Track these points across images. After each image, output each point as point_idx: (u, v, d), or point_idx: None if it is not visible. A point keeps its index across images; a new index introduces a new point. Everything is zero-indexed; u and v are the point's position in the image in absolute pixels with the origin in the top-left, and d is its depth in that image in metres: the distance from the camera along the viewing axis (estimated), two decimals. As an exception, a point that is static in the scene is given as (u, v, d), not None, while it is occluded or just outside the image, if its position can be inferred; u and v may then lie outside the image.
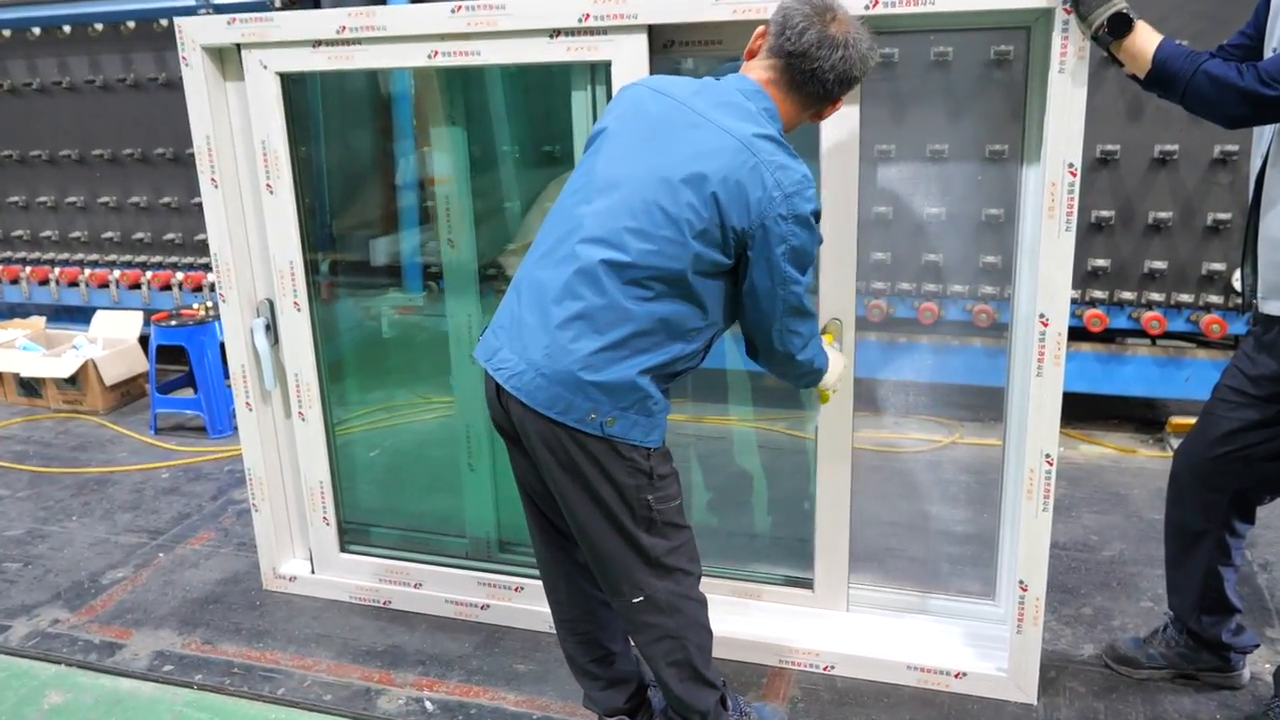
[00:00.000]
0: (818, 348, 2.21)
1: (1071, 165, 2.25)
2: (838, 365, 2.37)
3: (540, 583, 3.06)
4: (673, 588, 2.17)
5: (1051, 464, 2.49)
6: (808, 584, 3.01)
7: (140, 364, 5.47)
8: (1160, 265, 4.08)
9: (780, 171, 1.95)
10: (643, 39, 2.52)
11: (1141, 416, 4.75)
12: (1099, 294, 4.19)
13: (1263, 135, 2.33)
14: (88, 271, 5.71)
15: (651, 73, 2.54)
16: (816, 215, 2.00)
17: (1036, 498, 2.53)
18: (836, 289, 2.71)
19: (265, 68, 2.88)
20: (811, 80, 2.01)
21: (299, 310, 3.08)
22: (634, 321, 1.97)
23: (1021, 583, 2.61)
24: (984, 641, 2.85)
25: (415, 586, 3.25)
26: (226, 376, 4.85)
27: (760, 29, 2.09)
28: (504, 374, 2.06)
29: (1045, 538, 2.57)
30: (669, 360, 2.02)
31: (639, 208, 1.96)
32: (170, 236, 5.56)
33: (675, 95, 2.05)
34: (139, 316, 5.58)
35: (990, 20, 2.41)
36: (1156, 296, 4.13)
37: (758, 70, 2.07)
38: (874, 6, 2.28)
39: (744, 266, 2.01)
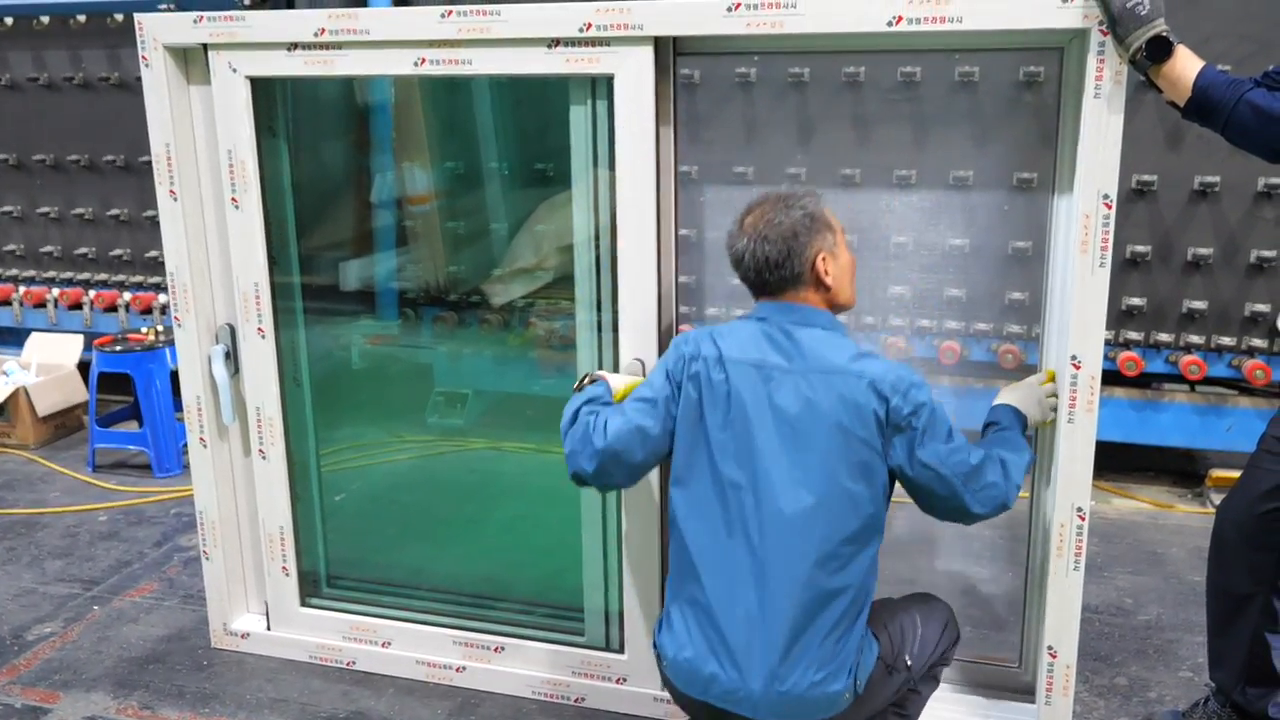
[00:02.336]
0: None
1: (1107, 197, 2.32)
2: None
3: (524, 643, 3.12)
4: None
5: (1084, 519, 2.53)
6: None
7: (78, 393, 5.47)
8: (1200, 305, 4.16)
9: None
10: (648, 51, 2.59)
11: (1179, 469, 4.81)
12: (1134, 335, 4.27)
13: None
14: (23, 289, 5.71)
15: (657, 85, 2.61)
16: None
17: (1067, 555, 2.57)
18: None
19: (235, 71, 2.93)
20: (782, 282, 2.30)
21: (263, 337, 3.10)
22: None
23: (1050, 648, 2.65)
24: (1007, 713, 2.88)
25: (383, 645, 3.26)
26: (176, 409, 4.88)
27: None
28: None
29: (1076, 599, 2.60)
30: None
31: None
32: (118, 252, 5.58)
33: None
34: (79, 340, 5.58)
35: (1020, 41, 2.49)
36: (1196, 339, 4.20)
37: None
38: (897, 23, 2.35)
39: None
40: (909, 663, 2.34)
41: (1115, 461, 4.62)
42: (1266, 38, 3.83)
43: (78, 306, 5.64)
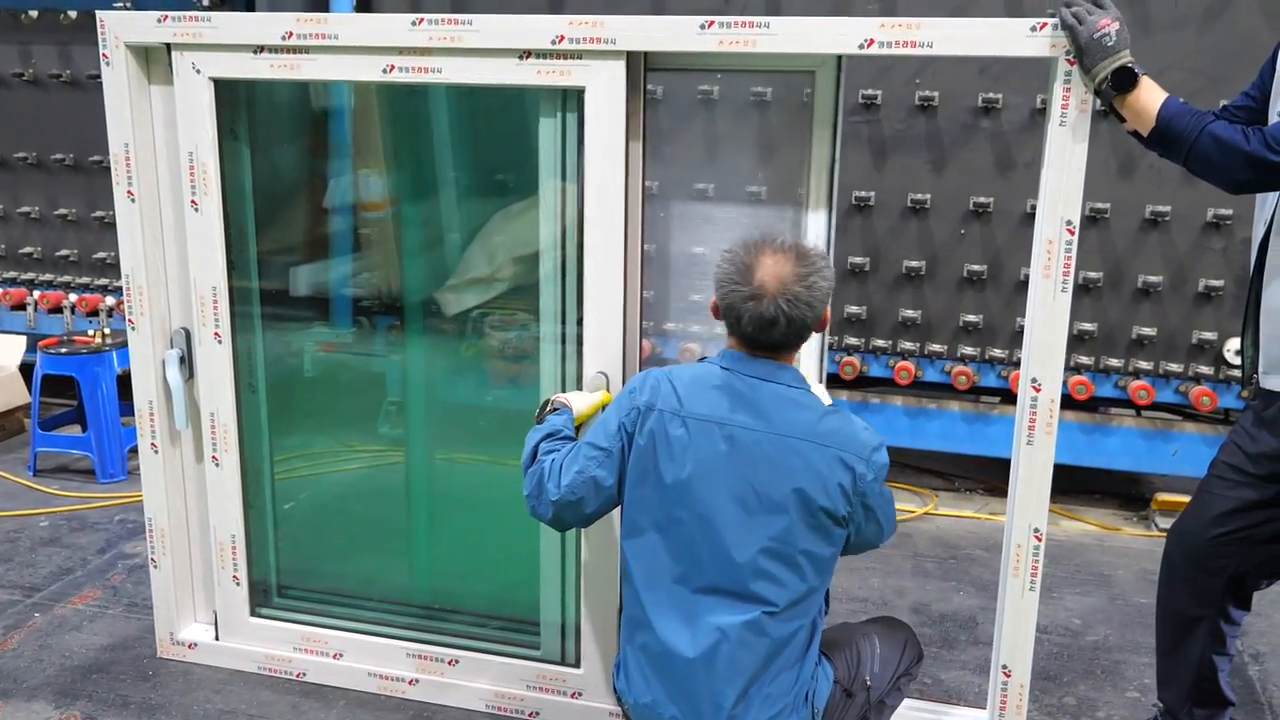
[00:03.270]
0: None
1: (1069, 223, 2.37)
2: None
3: (478, 656, 3.09)
4: None
5: (1040, 539, 2.57)
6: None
7: (20, 395, 5.35)
8: (1149, 332, 4.25)
9: None
10: (620, 66, 2.60)
11: (1125, 492, 4.91)
12: (1084, 360, 4.35)
13: (1265, 202, 2.47)
14: (-36, 289, 5.59)
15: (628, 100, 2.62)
16: None
17: (1023, 575, 2.61)
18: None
19: (198, 72, 2.89)
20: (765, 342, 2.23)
21: (220, 342, 3.06)
22: None
23: (1005, 667, 2.68)
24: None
25: (335, 657, 3.21)
26: (122, 414, 4.78)
27: (711, 304, 2.29)
28: None
29: (1031, 619, 2.64)
30: None
31: None
32: (64, 253, 5.48)
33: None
34: (21, 342, 5.47)
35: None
36: (1144, 365, 4.30)
37: (729, 339, 2.30)
38: (869, 46, 2.39)
39: None
40: (868, 682, 2.36)
41: (1063, 484, 4.65)
42: (1216, 73, 3.94)
43: (21, 307, 5.53)
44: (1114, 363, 4.34)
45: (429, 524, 3.80)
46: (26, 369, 5.31)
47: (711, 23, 2.47)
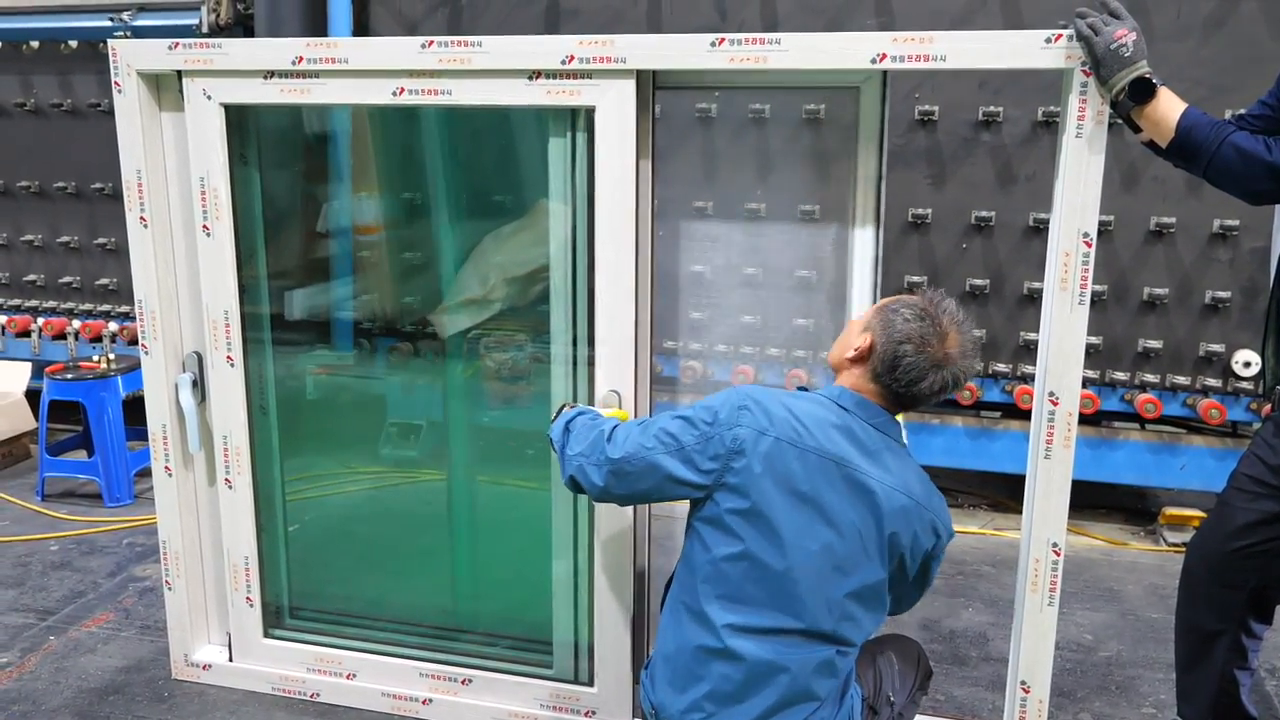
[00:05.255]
0: None
1: (1086, 235, 2.35)
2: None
3: (491, 675, 3.06)
4: None
5: (1059, 554, 2.55)
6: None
7: (26, 421, 5.33)
8: (1155, 344, 4.24)
9: None
10: (630, 85, 2.59)
11: (1132, 506, 4.88)
12: (1090, 373, 4.34)
13: None
14: (-30, 315, 5.57)
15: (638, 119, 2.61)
16: None
17: (1041, 591, 2.58)
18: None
19: (209, 98, 2.88)
20: (913, 399, 2.24)
21: (232, 366, 3.04)
22: None
23: (1024, 683, 2.65)
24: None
25: (348, 677, 3.18)
26: (129, 438, 4.76)
27: (861, 345, 2.23)
28: None
29: (1050, 635, 2.62)
30: None
31: None
32: (68, 280, 5.47)
33: None
34: (27, 368, 5.45)
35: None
36: (1151, 378, 4.28)
37: (856, 381, 2.26)
38: (881, 60, 2.38)
39: None
40: (891, 698, 2.35)
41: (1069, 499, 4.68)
42: (1218, 83, 3.94)
43: (26, 334, 5.51)
44: (1120, 376, 4.32)
45: (445, 544, 3.78)
46: (32, 395, 5.29)
47: (722, 40, 2.46)
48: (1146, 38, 2.24)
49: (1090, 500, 4.81)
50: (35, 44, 5.22)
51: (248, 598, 3.20)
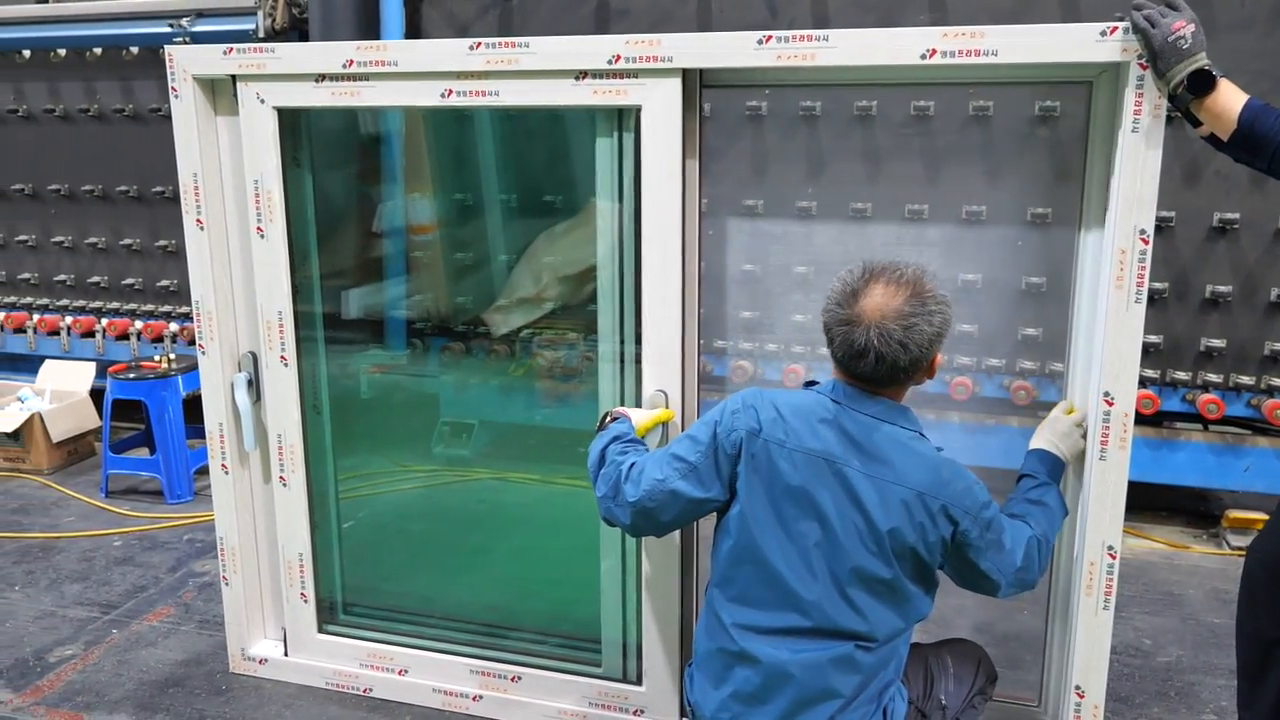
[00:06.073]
0: None
1: (1143, 232, 2.30)
2: None
3: (541, 673, 3.07)
4: None
5: (1114, 557, 2.50)
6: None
7: (91, 420, 5.45)
8: (1218, 343, 4.13)
9: None
10: (676, 84, 2.58)
11: (1194, 509, 4.77)
12: (1150, 373, 4.24)
13: None
14: (37, 317, 5.72)
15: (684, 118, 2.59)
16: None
17: (1096, 594, 2.53)
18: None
19: (263, 102, 2.92)
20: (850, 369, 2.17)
21: (286, 365, 3.08)
22: None
23: (1078, 688, 2.60)
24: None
25: (400, 673, 3.22)
26: (189, 436, 4.85)
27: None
28: None
29: (1106, 639, 2.56)
30: None
31: None
32: (130, 281, 5.58)
33: None
34: (91, 368, 5.57)
35: (1051, 74, 2.48)
36: (1214, 378, 4.18)
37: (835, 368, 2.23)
38: (931, 56, 2.34)
39: None
40: (944, 701, 2.31)
41: (1129, 500, 4.57)
42: (1282, 75, 3.84)
43: (90, 334, 5.64)
44: (1181, 376, 4.22)
45: (485, 542, 3.81)
46: (97, 394, 5.41)
47: (769, 37, 2.45)
48: (1209, 29, 2.17)
49: (1150, 502, 4.71)
50: (98, 51, 5.33)
51: (302, 593, 3.24)
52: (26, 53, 5.45)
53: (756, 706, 2.16)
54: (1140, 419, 4.36)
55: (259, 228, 3.01)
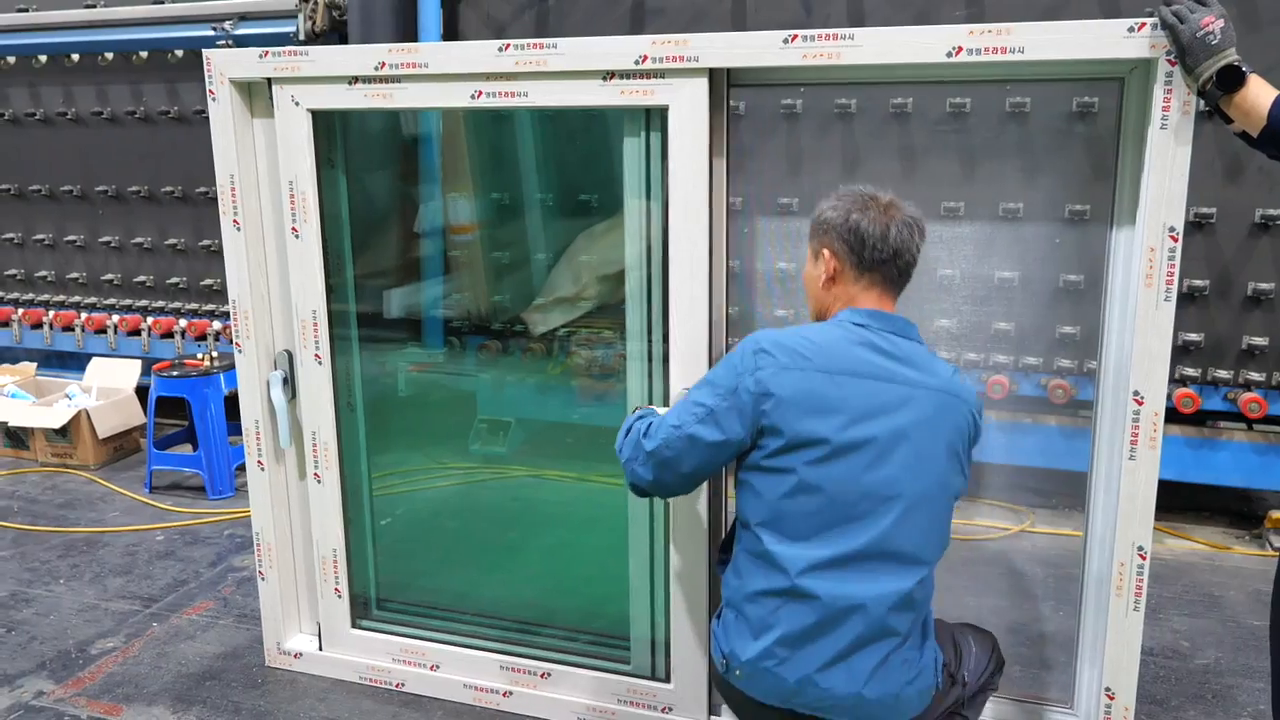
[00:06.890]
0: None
1: (1173, 230, 2.27)
2: None
3: (570, 669, 3.09)
4: None
5: (1144, 558, 2.47)
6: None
7: (136, 416, 5.56)
8: (1260, 341, 4.06)
9: None
10: (703, 84, 2.58)
11: (1236, 509, 4.69)
12: (1190, 371, 4.18)
13: None
14: (84, 315, 5.84)
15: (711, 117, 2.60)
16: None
17: (1127, 595, 2.51)
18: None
19: (297, 104, 2.97)
20: (906, 273, 2.28)
21: (320, 364, 3.13)
22: None
23: (1108, 690, 2.58)
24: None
25: (432, 668, 3.25)
26: (230, 433, 4.94)
27: (827, 264, 2.27)
28: None
29: (1136, 640, 2.54)
30: None
31: None
32: (175, 280, 5.68)
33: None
34: (137, 365, 5.68)
35: (1082, 71, 2.45)
36: (1256, 376, 4.11)
37: (852, 295, 2.27)
38: (957, 54, 2.33)
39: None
40: (965, 678, 2.33)
41: (1169, 501, 4.51)
42: (1325, 71, 3.76)
43: (136, 333, 5.75)
44: (1222, 374, 4.15)
45: (519, 539, 3.83)
46: (140, 391, 5.51)
47: (795, 36, 2.44)
48: (1251, 24, 2.14)
49: (1191, 503, 4.64)
50: (144, 54, 5.43)
51: (336, 589, 3.29)
52: (75, 56, 5.56)
53: (805, 646, 2.11)
54: (1181, 418, 4.30)
55: (294, 228, 3.05)
